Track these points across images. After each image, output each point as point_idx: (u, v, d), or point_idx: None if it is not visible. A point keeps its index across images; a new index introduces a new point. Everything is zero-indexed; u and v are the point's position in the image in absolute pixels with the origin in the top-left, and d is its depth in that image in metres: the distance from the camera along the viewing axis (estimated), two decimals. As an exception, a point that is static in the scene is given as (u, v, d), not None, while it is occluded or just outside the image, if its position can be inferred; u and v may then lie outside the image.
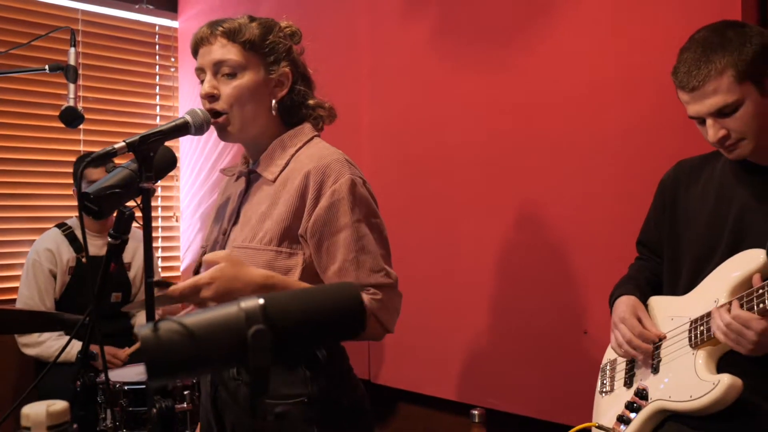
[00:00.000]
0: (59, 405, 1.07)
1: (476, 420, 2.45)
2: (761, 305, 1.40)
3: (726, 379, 1.47)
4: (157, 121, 3.89)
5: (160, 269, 3.64)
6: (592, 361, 1.91)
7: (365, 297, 1.48)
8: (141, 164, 1.37)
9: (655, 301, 1.74)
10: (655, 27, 2.05)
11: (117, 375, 2.72)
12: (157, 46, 3.91)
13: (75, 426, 1.05)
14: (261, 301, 0.72)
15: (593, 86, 2.19)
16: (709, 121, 1.50)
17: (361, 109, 2.86)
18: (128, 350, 2.91)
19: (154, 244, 3.59)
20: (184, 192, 3.88)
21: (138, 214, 1.42)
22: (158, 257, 3.66)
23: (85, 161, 1.33)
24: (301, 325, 0.72)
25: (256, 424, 0.71)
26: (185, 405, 2.17)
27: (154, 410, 1.35)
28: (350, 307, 0.74)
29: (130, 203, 1.46)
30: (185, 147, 3.81)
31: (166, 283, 1.39)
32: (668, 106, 1.85)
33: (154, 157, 1.38)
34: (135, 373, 2.54)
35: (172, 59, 3.95)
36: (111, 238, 1.44)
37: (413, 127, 2.69)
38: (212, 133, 1.60)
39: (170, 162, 1.50)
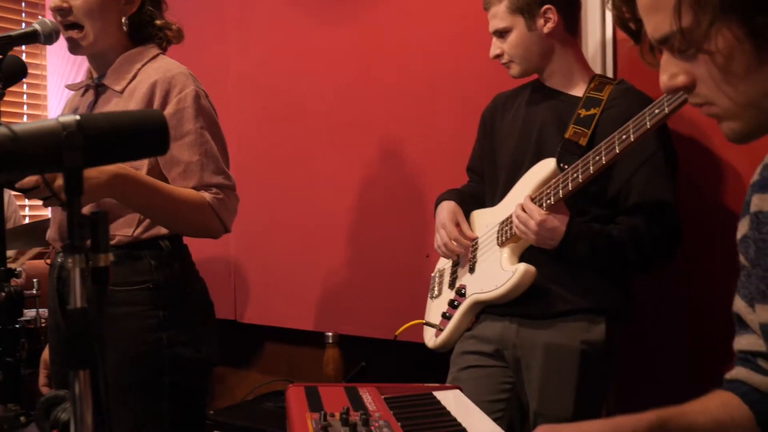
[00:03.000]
0: None
1: (330, 341, 2.65)
2: (548, 201, 1.68)
3: (522, 267, 1.74)
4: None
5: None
6: (432, 281, 2.14)
7: (207, 195, 1.61)
8: (-11, 67, 1.46)
9: (474, 213, 1.99)
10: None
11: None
12: (23, 3, 3.86)
13: None
14: (77, 117, 0.87)
15: (430, 36, 2.45)
16: (493, 39, 1.84)
17: (228, 60, 2.99)
18: None
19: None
20: (53, 94, 3.87)
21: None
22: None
23: (-67, 58, 1.41)
24: (112, 136, 0.87)
25: None
26: (34, 291, 2.33)
27: (3, 294, 1.46)
28: (154, 125, 0.90)
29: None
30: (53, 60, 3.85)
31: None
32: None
33: (2, 61, 1.47)
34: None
35: (40, 18, 3.89)
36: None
37: (276, 78, 2.86)
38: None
39: (19, 69, 1.58)
